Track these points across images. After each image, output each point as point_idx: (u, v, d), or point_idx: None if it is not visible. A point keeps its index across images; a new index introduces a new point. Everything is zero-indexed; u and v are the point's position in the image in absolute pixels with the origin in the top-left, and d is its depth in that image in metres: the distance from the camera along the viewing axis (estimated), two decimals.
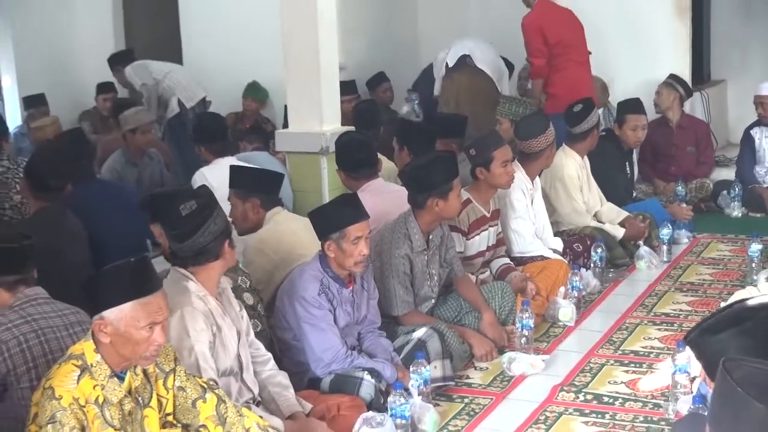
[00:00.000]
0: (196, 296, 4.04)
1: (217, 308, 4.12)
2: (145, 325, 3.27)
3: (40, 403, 3.26)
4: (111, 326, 3.27)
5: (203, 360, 3.93)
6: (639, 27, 9.29)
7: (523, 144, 6.41)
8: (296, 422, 4.19)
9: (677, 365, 4.53)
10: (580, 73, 8.34)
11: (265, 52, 9.14)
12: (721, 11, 10.72)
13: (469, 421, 4.63)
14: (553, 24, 8.19)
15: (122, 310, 3.26)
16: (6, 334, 3.74)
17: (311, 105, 7.07)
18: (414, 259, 5.23)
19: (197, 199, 4.15)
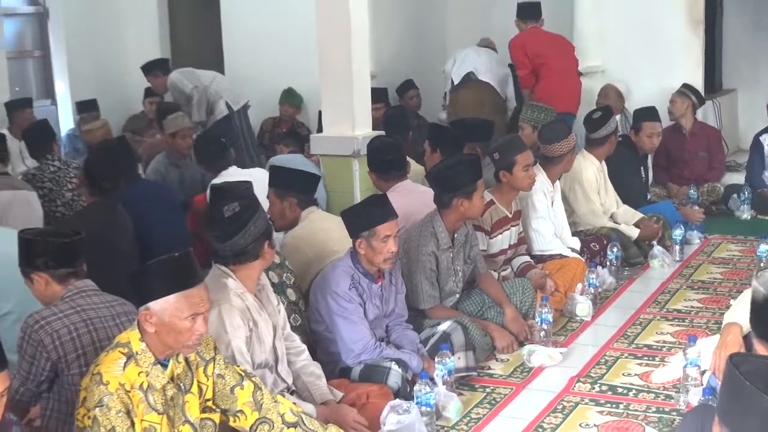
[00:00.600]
0: (235, 293, 4.06)
1: (255, 304, 4.14)
2: (188, 316, 3.29)
3: (88, 387, 3.28)
4: (156, 317, 3.28)
5: (239, 354, 3.95)
6: (655, 39, 9.24)
7: (546, 148, 6.42)
8: (328, 408, 4.20)
9: (688, 359, 4.52)
10: (562, 81, 8.60)
11: (301, 62, 9.18)
12: (732, 24, 10.70)
13: (490, 410, 4.63)
14: (533, 42, 8.70)
15: (167, 301, 3.28)
16: (57, 324, 3.75)
17: (344, 111, 7.08)
18: (440, 256, 5.23)
19: (240, 201, 4.17)
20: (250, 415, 3.60)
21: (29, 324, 3.75)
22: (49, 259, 3.92)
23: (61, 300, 3.87)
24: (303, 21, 8.49)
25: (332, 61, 7.00)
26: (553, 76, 8.55)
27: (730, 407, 2.07)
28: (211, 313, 3.86)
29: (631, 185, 7.47)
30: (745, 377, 2.04)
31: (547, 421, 4.48)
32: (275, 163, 6.74)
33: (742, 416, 2.03)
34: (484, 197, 5.53)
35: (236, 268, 4.11)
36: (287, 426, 3.62)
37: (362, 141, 6.64)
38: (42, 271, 3.91)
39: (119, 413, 3.22)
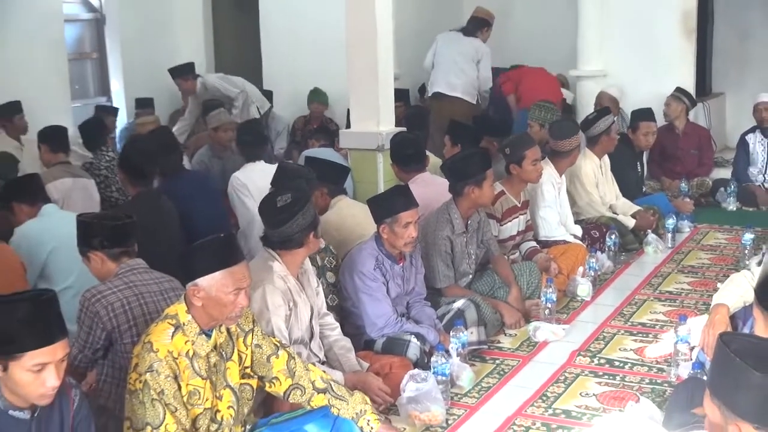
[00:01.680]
0: (278, 275, 4.08)
1: (296, 287, 4.16)
2: (232, 290, 3.29)
3: (140, 354, 3.29)
4: (203, 291, 3.29)
5: (278, 331, 3.97)
6: (652, 47, 9.20)
7: (555, 144, 6.45)
8: (355, 376, 4.23)
9: (679, 336, 4.52)
10: (540, 79, 8.91)
11: (331, 65, 9.16)
12: (722, 34, 10.65)
13: (499, 379, 4.63)
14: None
15: (213, 277, 3.28)
16: (111, 297, 3.77)
17: (370, 109, 7.07)
18: (454, 240, 5.23)
19: (292, 193, 4.18)
20: (284, 382, 3.61)
21: (87, 298, 3.78)
22: (104, 240, 3.94)
23: (115, 276, 3.89)
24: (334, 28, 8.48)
25: (360, 65, 7.00)
26: (533, 76, 8.84)
27: (723, 383, 2.05)
28: (256, 291, 3.91)
29: (629, 179, 7.47)
30: (735, 355, 2.02)
31: (551, 390, 4.48)
32: (309, 155, 6.73)
33: (734, 391, 2.02)
34: (496, 188, 5.55)
35: (282, 253, 4.14)
36: (317, 392, 3.62)
37: (386, 136, 6.65)
38: (98, 250, 3.94)
39: (167, 378, 3.24)
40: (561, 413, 4.22)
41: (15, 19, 9.30)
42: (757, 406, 1.98)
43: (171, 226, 5.49)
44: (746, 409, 2.01)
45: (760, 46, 10.48)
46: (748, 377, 1.99)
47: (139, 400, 3.25)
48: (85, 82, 11.02)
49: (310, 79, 9.83)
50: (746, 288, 3.95)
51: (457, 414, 4.23)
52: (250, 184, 6.02)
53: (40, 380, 2.72)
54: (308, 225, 4.13)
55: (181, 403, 3.28)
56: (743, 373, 2.00)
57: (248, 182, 6.07)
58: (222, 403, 3.45)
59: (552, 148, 6.48)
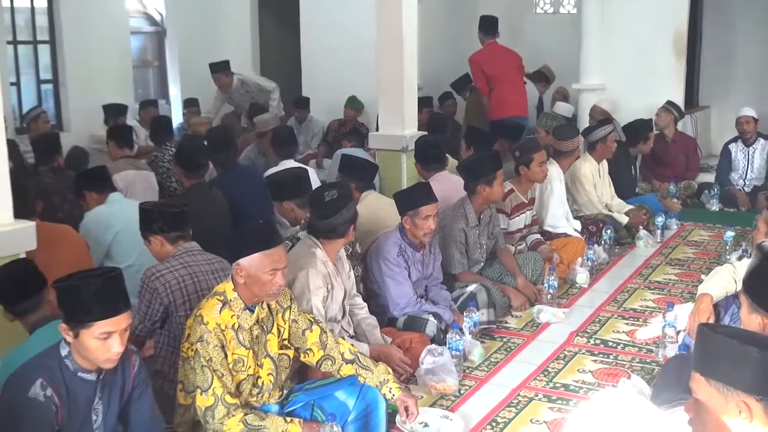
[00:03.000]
0: (320, 261, 4.09)
1: (333, 271, 4.18)
2: (269, 270, 3.29)
3: (192, 326, 3.30)
4: (245, 270, 3.29)
5: (316, 310, 3.98)
6: (646, 64, 9.14)
7: (559, 144, 6.48)
8: (379, 348, 4.24)
9: (666, 321, 4.51)
10: (511, 90, 8.63)
11: (363, 75, 9.18)
12: (708, 55, 10.58)
13: (506, 355, 4.62)
14: (488, 61, 8.57)
15: (253, 258, 3.28)
16: (169, 276, 3.79)
17: (396, 114, 7.08)
18: (468, 232, 5.21)
19: (339, 190, 4.21)
20: (317, 353, 3.61)
21: (147, 276, 3.80)
22: (163, 225, 3.97)
23: (172, 257, 3.91)
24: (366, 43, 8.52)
25: (388, 76, 7.03)
26: (503, 87, 8.56)
27: (720, 366, 2.01)
28: (300, 273, 3.94)
29: (624, 181, 7.40)
30: (730, 338, 2.00)
31: (552, 366, 4.46)
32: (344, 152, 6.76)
33: (734, 370, 1.98)
34: (506, 187, 5.52)
35: (324, 241, 4.15)
36: (346, 362, 3.62)
37: (410, 139, 6.67)
38: (158, 234, 3.97)
39: (215, 347, 3.25)
40: (560, 387, 4.20)
41: (89, 33, 9.38)
42: (758, 381, 1.95)
43: (220, 213, 5.50)
44: (748, 384, 1.97)
45: (743, 66, 10.42)
46: (745, 355, 1.96)
47: (190, 366, 3.27)
48: (147, 87, 11.10)
49: (344, 88, 9.81)
50: (728, 280, 3.91)
51: (469, 385, 4.22)
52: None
53: (106, 347, 2.74)
54: (350, 219, 4.16)
55: (227, 369, 3.29)
56: (739, 351, 1.96)
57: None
58: (263, 371, 3.46)
59: (555, 149, 6.50)
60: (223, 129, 7.57)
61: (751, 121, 8.17)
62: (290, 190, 4.87)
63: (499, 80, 8.58)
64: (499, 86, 8.57)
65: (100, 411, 2.90)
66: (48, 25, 9.33)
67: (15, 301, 3.45)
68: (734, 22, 10.35)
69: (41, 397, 2.73)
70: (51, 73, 9.46)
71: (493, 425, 3.80)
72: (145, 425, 3.02)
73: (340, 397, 3.55)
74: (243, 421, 3.25)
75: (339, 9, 10.24)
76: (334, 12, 10.33)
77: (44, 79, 9.48)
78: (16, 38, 9.19)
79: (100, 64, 9.49)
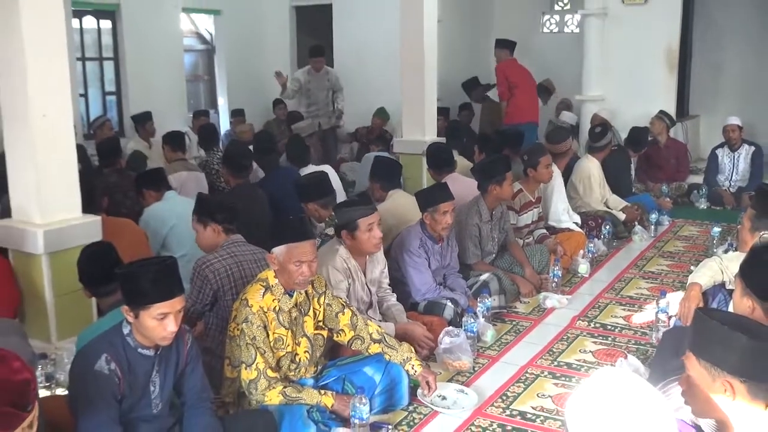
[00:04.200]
0: (341, 258, 4.07)
1: (355, 267, 4.14)
2: (294, 261, 3.29)
3: (238, 309, 3.32)
4: (276, 259, 3.30)
5: None
6: (642, 77, 9.06)
7: (555, 147, 6.56)
8: (405, 325, 4.23)
9: (659, 307, 4.44)
10: (527, 100, 8.96)
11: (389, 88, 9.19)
12: (698, 68, 10.44)
13: (515, 336, 4.59)
14: (511, 71, 8.91)
15: (282, 249, 3.29)
16: (217, 264, 3.81)
17: (418, 123, 7.10)
18: (482, 226, 5.18)
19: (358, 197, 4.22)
20: (348, 333, 3.61)
21: (199, 264, 3.82)
22: (224, 217, 4.00)
23: (220, 248, 3.93)
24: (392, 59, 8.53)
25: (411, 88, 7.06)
26: (522, 96, 8.81)
27: (711, 348, 1.99)
28: (322, 269, 3.91)
29: (622, 181, 7.30)
30: (722, 323, 1.97)
31: (556, 347, 4.43)
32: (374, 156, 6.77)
33: (722, 353, 1.96)
34: (515, 187, 5.49)
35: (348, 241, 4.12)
36: (373, 342, 3.62)
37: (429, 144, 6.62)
38: (218, 223, 3.99)
39: (259, 327, 3.26)
40: (564, 365, 4.17)
41: (148, 51, 9.45)
42: (743, 364, 1.94)
43: (262, 209, 5.51)
44: (734, 366, 1.95)
45: (729, 79, 10.32)
46: (735, 340, 1.94)
47: (236, 344, 3.29)
48: (198, 98, 11.16)
49: (372, 99, 9.82)
50: (715, 270, 3.87)
51: (482, 363, 4.20)
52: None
53: (163, 326, 2.76)
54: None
55: (269, 347, 3.31)
56: (731, 338, 1.94)
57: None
58: (300, 348, 3.47)
59: (551, 151, 6.38)
60: (267, 135, 7.59)
61: (737, 129, 8.07)
62: (312, 192, 4.89)
63: (519, 88, 8.78)
64: (518, 94, 8.78)
65: (157, 383, 2.92)
66: (112, 44, 9.41)
67: (95, 283, 3.44)
68: (721, 40, 10.24)
69: (106, 370, 2.75)
70: (114, 85, 9.54)
71: (503, 399, 3.78)
72: (196, 395, 3.03)
73: (368, 373, 3.56)
74: (282, 392, 3.26)
75: (367, 29, 10.26)
76: (363, 32, 10.35)
77: (108, 91, 9.57)
78: (85, 55, 9.27)
79: (157, 78, 9.57)
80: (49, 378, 3.77)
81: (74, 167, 4.23)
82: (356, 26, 10.44)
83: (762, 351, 1.91)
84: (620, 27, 9.11)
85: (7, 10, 3.91)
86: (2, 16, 3.95)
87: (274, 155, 6.29)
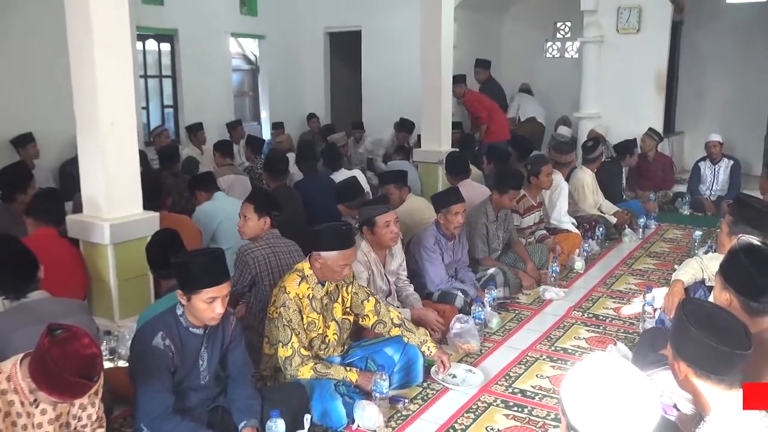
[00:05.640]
0: (362, 251, 4.08)
1: (375, 260, 4.15)
2: (341, 265, 3.30)
3: (277, 294, 3.34)
4: (323, 260, 3.30)
5: None
6: (633, 97, 9.01)
7: (560, 157, 6.50)
8: (419, 310, 4.23)
9: (646, 300, 4.42)
10: (502, 119, 8.60)
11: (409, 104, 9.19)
12: (683, 91, 10.34)
13: (517, 324, 4.57)
14: (483, 98, 8.51)
15: (333, 253, 3.29)
16: (257, 253, 3.82)
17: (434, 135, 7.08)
18: (489, 226, 5.16)
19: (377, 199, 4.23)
20: (372, 318, 3.62)
21: (241, 252, 3.84)
22: (277, 212, 4.04)
23: (261, 239, 3.94)
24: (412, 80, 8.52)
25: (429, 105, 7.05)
26: (499, 117, 8.49)
27: (675, 335, 2.07)
28: None
29: (614, 188, 7.25)
30: (683, 314, 2.01)
31: (554, 333, 4.40)
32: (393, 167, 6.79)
33: (682, 341, 2.02)
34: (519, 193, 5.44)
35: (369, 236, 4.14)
36: (394, 326, 3.63)
37: (445, 154, 6.59)
38: (270, 217, 4.01)
39: (294, 311, 3.28)
40: (560, 350, 4.14)
41: (201, 70, 9.52)
42: (690, 351, 1.98)
43: (297, 209, 5.54)
44: (684, 353, 2.00)
45: (711, 100, 10.19)
46: (688, 331, 1.97)
47: (274, 325, 3.31)
48: (243, 111, 11.19)
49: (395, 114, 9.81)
50: (696, 269, 3.82)
51: (488, 346, 4.18)
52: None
53: (211, 308, 2.78)
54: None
55: (303, 329, 3.32)
56: (686, 328, 1.97)
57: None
58: (329, 331, 3.48)
59: (558, 161, 6.42)
60: (309, 144, 7.63)
61: (717, 145, 7.97)
62: (342, 195, 5.06)
63: (495, 111, 8.48)
64: (496, 117, 8.44)
65: (205, 358, 2.94)
66: (170, 64, 9.48)
67: (158, 265, 3.47)
68: (705, 65, 10.13)
69: (161, 346, 2.78)
70: (172, 100, 9.61)
71: (506, 378, 3.76)
72: (239, 369, 3.05)
73: (388, 353, 3.56)
74: (313, 368, 3.28)
75: (391, 52, 10.26)
76: (388, 55, 10.35)
77: (166, 104, 9.63)
78: (147, 73, 9.35)
79: (208, 94, 9.63)
80: (112, 352, 3.81)
81: (137, 170, 4.27)
82: (382, 50, 10.44)
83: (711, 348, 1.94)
84: (615, 53, 9.06)
85: (83, 35, 3.96)
86: (77, 40, 4.00)
87: (312, 161, 6.32)
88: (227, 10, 9.84)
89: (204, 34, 9.49)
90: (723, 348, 1.91)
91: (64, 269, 3.94)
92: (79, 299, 4.02)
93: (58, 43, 4.47)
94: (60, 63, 4.49)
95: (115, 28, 4.02)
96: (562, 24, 11.03)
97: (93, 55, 3.93)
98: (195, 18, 9.30)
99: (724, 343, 1.92)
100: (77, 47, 4.01)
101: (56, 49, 4.93)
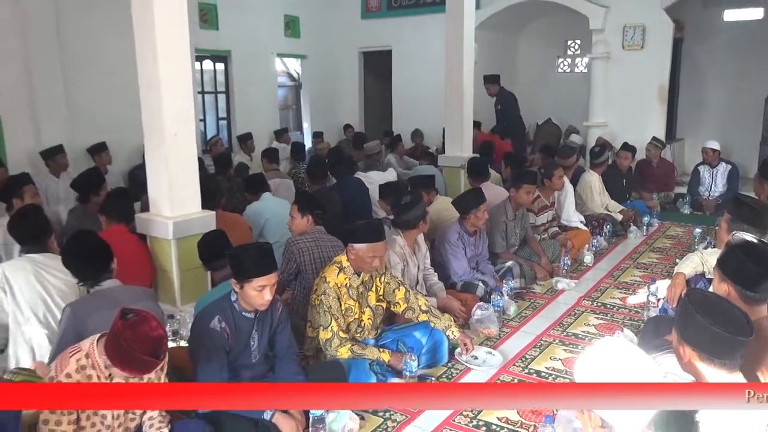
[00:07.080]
0: (398, 245, 4.08)
1: (409, 252, 4.15)
2: (372, 257, 3.30)
3: (318, 284, 3.35)
4: (356, 252, 3.31)
5: None
6: (638, 108, 8.86)
7: (564, 161, 6.39)
8: (444, 298, 4.21)
9: (650, 291, 4.35)
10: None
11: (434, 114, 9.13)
12: (684, 101, 10.10)
13: (533, 311, 4.53)
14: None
15: (364, 245, 3.29)
16: (301, 244, 3.84)
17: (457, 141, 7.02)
18: (508, 223, 5.12)
19: (411, 196, 4.20)
20: (402, 305, 3.62)
21: (288, 243, 3.87)
22: (318, 210, 4.04)
23: (306, 234, 3.95)
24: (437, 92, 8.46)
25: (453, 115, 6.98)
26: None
27: (680, 320, 2.02)
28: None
29: (617, 189, 7.11)
30: (689, 302, 1.96)
31: (566, 320, 4.35)
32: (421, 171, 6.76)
33: (685, 325, 1.97)
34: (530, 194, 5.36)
35: (403, 231, 4.13)
36: (422, 312, 3.62)
37: (467, 159, 6.55)
38: (312, 215, 4.01)
39: (334, 298, 3.29)
40: (572, 335, 4.10)
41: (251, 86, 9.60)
42: (695, 337, 1.93)
43: (335, 208, 5.54)
44: (689, 338, 1.95)
45: (710, 110, 9.95)
46: (694, 318, 1.92)
47: (316, 311, 3.32)
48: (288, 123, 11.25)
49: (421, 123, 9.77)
50: (697, 263, 3.73)
51: (506, 331, 4.15)
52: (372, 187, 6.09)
53: (261, 295, 2.80)
54: (420, 216, 4.11)
55: (341, 314, 3.33)
56: (692, 316, 1.93)
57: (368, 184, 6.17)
58: (365, 316, 3.49)
59: (561, 164, 6.23)
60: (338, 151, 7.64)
61: (710, 151, 7.80)
62: (385, 193, 5.12)
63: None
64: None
65: (255, 339, 2.97)
66: (224, 81, 9.59)
67: (209, 259, 3.52)
68: (704, 78, 9.91)
69: (218, 328, 2.81)
70: (225, 113, 9.72)
71: (523, 360, 3.73)
72: (285, 350, 3.07)
73: (417, 336, 3.56)
74: (350, 349, 3.29)
75: (419, 69, 10.25)
76: (416, 71, 10.34)
77: (221, 117, 9.74)
78: (204, 89, 9.48)
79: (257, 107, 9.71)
80: (174, 333, 3.86)
81: (196, 174, 4.31)
82: (410, 67, 10.43)
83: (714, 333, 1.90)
84: (621, 67, 8.92)
85: (150, 57, 4.02)
86: (145, 61, 4.07)
87: (342, 166, 6.32)
88: (274, 33, 9.93)
89: (253, 55, 9.58)
90: (727, 334, 1.87)
91: (134, 261, 4.00)
92: (146, 287, 4.09)
93: (127, 63, 4.55)
94: (129, 80, 4.57)
95: (177, 51, 4.07)
96: (572, 42, 10.88)
97: (158, 75, 3.98)
98: (246, 41, 9.39)
99: (728, 330, 1.87)
100: (145, 68, 4.07)
101: (125, 68, 5.01)
